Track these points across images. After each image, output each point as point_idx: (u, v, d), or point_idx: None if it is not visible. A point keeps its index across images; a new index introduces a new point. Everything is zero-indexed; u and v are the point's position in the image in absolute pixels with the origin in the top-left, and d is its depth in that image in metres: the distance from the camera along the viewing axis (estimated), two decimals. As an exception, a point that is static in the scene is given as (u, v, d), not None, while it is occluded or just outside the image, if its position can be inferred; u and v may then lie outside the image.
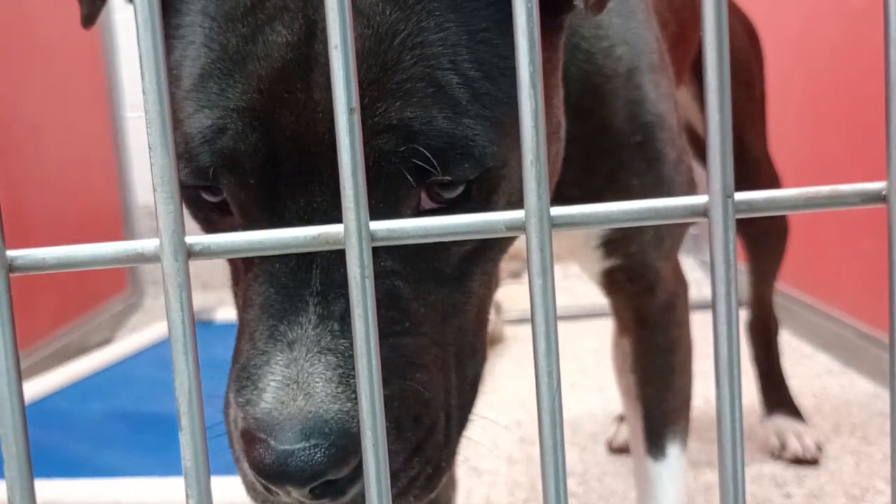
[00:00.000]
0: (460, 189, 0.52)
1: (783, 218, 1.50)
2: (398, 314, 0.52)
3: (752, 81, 1.44)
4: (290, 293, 0.50)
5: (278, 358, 0.49)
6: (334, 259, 0.50)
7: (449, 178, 0.51)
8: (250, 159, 0.50)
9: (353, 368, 0.47)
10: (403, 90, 0.49)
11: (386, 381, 0.50)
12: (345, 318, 0.49)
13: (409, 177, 0.50)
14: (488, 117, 0.51)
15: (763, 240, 1.51)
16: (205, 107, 0.51)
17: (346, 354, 0.48)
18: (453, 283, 0.55)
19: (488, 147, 0.51)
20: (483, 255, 0.57)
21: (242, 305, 0.54)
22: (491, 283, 0.60)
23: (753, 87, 1.45)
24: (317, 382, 0.47)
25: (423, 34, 0.50)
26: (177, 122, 0.52)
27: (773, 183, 1.48)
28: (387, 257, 0.52)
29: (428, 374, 0.53)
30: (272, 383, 0.48)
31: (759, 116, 1.47)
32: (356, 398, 0.45)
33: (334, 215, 0.49)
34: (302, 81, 0.49)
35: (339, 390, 0.48)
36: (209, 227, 0.56)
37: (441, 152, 0.49)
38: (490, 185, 0.53)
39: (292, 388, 0.48)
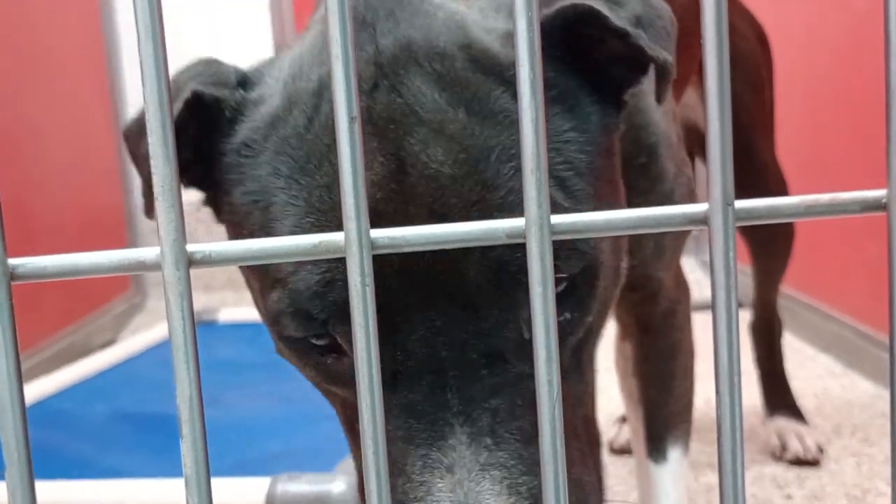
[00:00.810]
0: (566, 283, 0.53)
1: (790, 223, 1.50)
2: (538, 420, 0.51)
3: (761, 86, 1.44)
4: (431, 420, 0.49)
5: (440, 485, 0.47)
6: (466, 377, 0.49)
7: (561, 274, 0.52)
8: None
9: (518, 476, 0.47)
10: (507, 203, 0.50)
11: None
12: (495, 432, 0.48)
13: (525, 281, 0.50)
14: (583, 212, 0.52)
15: (769, 244, 1.50)
16: (306, 262, 0.51)
17: (508, 465, 0.47)
18: (572, 376, 0.55)
19: (590, 240, 0.52)
20: (588, 341, 0.58)
21: None
22: (594, 368, 0.61)
23: (762, 92, 1.44)
24: (488, 499, 0.46)
25: (516, 146, 0.51)
26: (274, 281, 0.53)
27: (781, 188, 1.47)
28: (518, 363, 0.51)
29: (580, 470, 0.54)
30: None
31: (767, 121, 1.46)
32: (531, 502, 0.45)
33: (455, 334, 0.49)
34: (398, 215, 0.50)
35: (512, 501, 0.47)
36: (322, 369, 0.56)
37: (553, 252, 0.50)
38: (593, 272, 0.54)
39: None
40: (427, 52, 0.54)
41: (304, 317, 0.52)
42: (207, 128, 0.59)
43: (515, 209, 0.50)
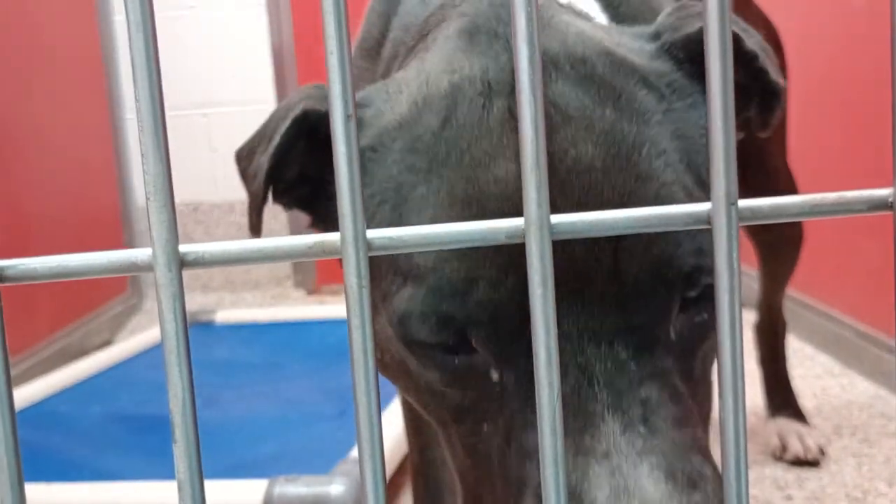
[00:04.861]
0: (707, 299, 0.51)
1: (798, 226, 1.49)
2: (684, 411, 0.49)
3: None
4: (580, 410, 0.46)
5: (597, 469, 0.44)
6: (613, 371, 0.47)
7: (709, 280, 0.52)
8: (507, 305, 0.48)
9: (675, 462, 0.45)
10: (661, 196, 0.50)
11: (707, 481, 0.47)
12: (647, 420, 0.46)
13: (679, 282, 0.49)
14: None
15: (778, 248, 1.49)
16: (448, 254, 0.49)
17: (663, 451, 0.45)
18: (700, 381, 0.54)
19: None
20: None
21: (501, 453, 0.50)
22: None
23: None
24: (647, 485, 0.44)
25: (664, 143, 0.52)
26: (406, 276, 0.51)
27: (791, 193, 1.46)
28: (664, 359, 0.50)
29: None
30: (600, 495, 0.44)
31: (779, 127, 1.45)
32: (691, 493, 0.43)
33: (604, 329, 0.48)
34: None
35: (670, 487, 0.44)
36: (449, 371, 0.52)
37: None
38: None
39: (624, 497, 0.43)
40: (566, 57, 0.54)
41: (440, 320, 0.49)
42: (317, 145, 0.58)
43: (668, 203, 0.50)
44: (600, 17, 0.71)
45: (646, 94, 0.54)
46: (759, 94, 0.61)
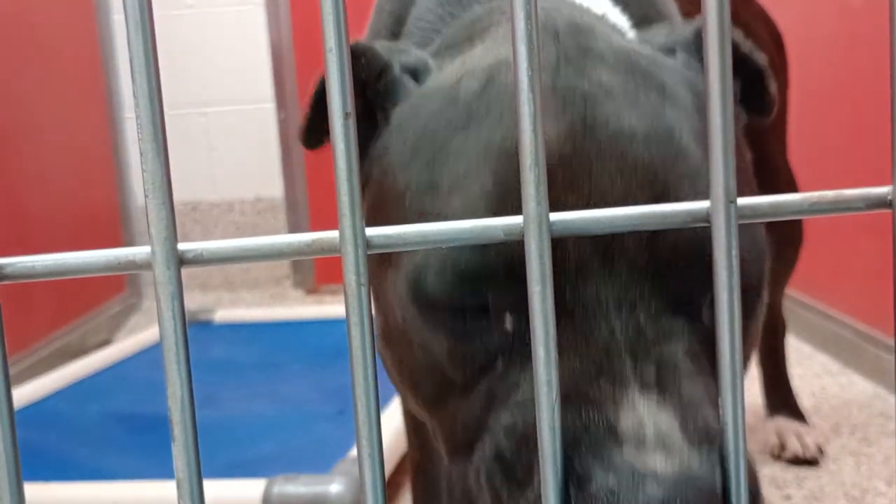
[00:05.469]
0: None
1: (798, 227, 1.49)
2: (701, 372, 0.49)
3: None
4: (604, 355, 0.46)
5: (626, 403, 0.44)
6: (634, 336, 0.47)
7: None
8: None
9: (688, 419, 0.45)
10: (700, 173, 0.51)
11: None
12: (661, 382, 0.46)
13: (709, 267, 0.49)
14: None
15: (777, 248, 1.49)
16: (481, 207, 0.50)
17: (679, 410, 0.45)
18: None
19: (760, 249, 0.53)
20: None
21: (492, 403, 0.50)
22: None
23: None
24: (671, 428, 0.43)
25: (701, 136, 0.53)
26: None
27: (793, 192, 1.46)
28: (691, 327, 0.50)
29: None
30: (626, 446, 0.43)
31: (780, 125, 1.45)
32: (701, 444, 0.43)
33: (629, 296, 0.48)
34: (582, 170, 0.49)
35: (686, 439, 0.44)
36: (459, 334, 0.51)
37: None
38: (760, 294, 0.54)
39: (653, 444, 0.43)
40: (612, 53, 0.56)
41: (457, 274, 0.49)
42: (357, 81, 0.59)
43: (704, 183, 0.50)
44: (616, 15, 0.73)
45: (686, 93, 0.55)
46: (742, 75, 0.63)
